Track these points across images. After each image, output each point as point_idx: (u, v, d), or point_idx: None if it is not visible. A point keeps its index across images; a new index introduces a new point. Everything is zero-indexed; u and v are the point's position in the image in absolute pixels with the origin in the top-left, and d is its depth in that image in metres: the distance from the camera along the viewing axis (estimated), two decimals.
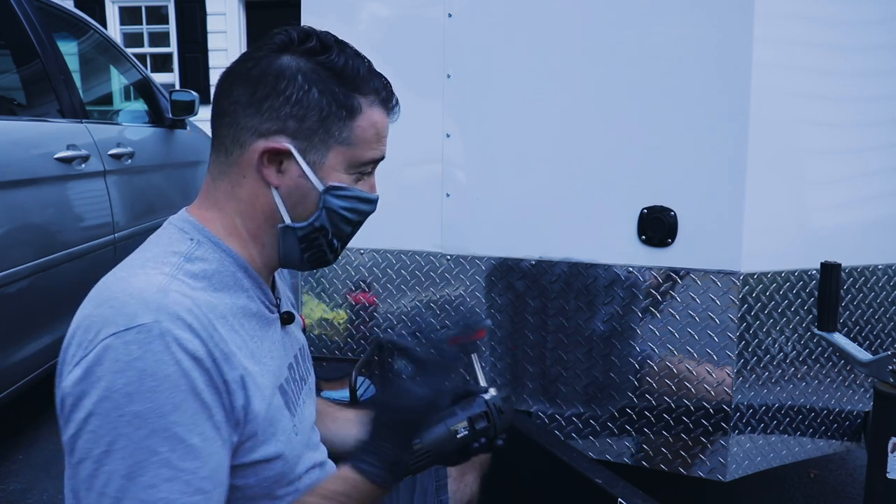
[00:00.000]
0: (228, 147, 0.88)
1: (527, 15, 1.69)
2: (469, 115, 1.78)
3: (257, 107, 0.86)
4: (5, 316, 2.25)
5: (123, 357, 0.73)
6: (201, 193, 0.93)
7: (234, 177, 0.89)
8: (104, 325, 0.75)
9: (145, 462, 0.73)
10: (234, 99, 0.87)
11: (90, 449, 0.74)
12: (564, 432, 1.75)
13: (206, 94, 7.16)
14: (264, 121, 0.86)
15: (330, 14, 1.92)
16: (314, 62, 0.87)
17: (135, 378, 0.73)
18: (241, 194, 0.89)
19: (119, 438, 0.73)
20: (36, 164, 2.45)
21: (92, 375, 0.74)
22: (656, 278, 1.62)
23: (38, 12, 2.76)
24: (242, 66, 0.89)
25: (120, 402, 0.73)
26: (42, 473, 2.36)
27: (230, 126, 0.88)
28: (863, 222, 1.73)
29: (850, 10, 1.65)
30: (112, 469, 0.73)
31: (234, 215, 0.90)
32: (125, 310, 0.75)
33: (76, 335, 0.78)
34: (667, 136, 1.59)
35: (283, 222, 0.90)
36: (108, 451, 0.73)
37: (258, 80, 0.86)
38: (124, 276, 0.81)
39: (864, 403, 1.79)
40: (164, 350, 0.74)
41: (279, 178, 0.88)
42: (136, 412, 0.73)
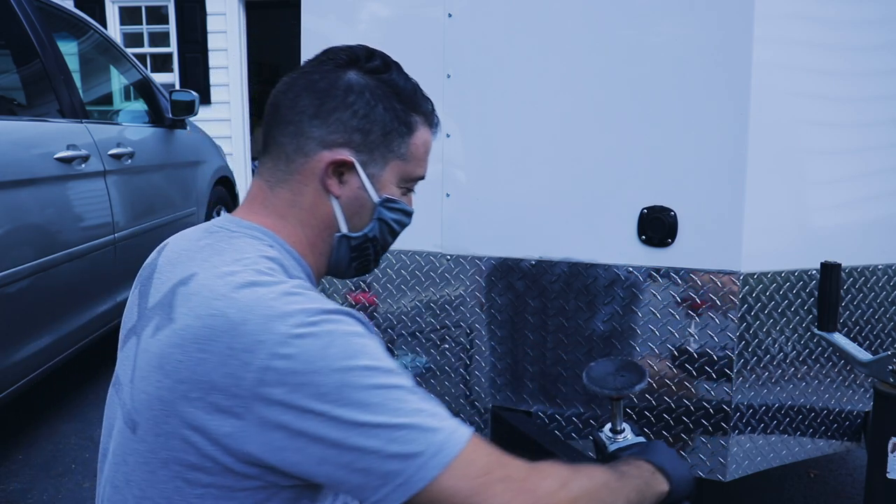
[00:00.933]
0: (291, 155, 0.92)
1: (527, 15, 1.69)
2: (469, 115, 1.77)
3: (324, 118, 0.91)
4: (5, 316, 2.25)
5: (323, 336, 0.77)
6: (254, 201, 0.95)
7: (296, 185, 0.93)
8: (279, 323, 0.76)
9: (399, 398, 0.77)
10: (300, 109, 0.91)
11: (345, 418, 0.75)
12: (564, 432, 1.75)
13: (206, 95, 7.16)
14: (331, 132, 0.91)
15: (330, 14, 1.92)
16: (378, 80, 0.94)
17: (345, 344, 0.77)
18: (303, 203, 0.93)
19: (369, 392, 0.76)
20: (36, 164, 2.45)
21: (299, 365, 0.75)
22: (656, 278, 1.62)
23: (38, 12, 2.76)
24: (308, 77, 0.93)
25: (345, 366, 0.76)
26: (42, 473, 2.37)
27: (294, 135, 0.92)
28: (863, 222, 1.73)
29: (850, 10, 1.65)
30: (381, 424, 0.75)
31: (297, 224, 0.94)
32: (292, 306, 0.78)
33: (238, 342, 0.77)
34: (667, 136, 1.59)
35: (339, 231, 0.95)
36: (365, 407, 0.75)
37: (326, 93, 0.91)
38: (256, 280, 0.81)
39: (864, 403, 1.79)
40: (344, 321, 0.80)
41: (340, 188, 0.93)
42: (364, 366, 0.77)
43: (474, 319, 1.81)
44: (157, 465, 0.81)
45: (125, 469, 0.85)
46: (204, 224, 0.98)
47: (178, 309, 0.83)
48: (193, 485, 0.79)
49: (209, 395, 0.77)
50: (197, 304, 0.81)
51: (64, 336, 2.57)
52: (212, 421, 0.77)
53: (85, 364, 3.24)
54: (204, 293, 0.81)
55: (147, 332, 0.86)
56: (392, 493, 0.76)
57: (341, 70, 0.93)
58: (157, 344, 0.83)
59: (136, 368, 0.86)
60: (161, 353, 0.81)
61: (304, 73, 0.94)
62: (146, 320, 0.88)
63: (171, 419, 0.79)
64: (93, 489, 2.26)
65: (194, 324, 0.80)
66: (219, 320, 0.78)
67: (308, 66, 0.95)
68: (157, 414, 0.81)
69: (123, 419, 0.86)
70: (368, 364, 0.78)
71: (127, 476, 0.84)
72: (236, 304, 0.79)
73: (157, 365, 0.81)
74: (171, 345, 0.81)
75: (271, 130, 0.94)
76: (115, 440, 0.88)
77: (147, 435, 0.82)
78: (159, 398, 0.80)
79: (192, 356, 0.78)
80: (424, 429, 0.77)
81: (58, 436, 2.63)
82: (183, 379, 0.78)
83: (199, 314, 0.80)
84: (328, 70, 0.93)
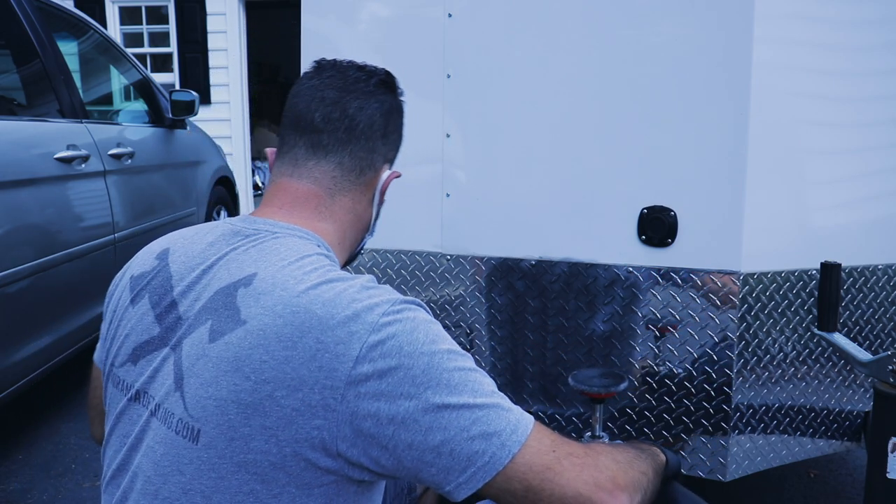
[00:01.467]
0: (365, 168, 1.02)
1: (527, 15, 1.69)
2: (469, 115, 1.77)
3: (388, 137, 1.05)
4: (5, 316, 2.25)
5: (407, 321, 0.81)
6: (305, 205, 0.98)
7: (358, 195, 1.02)
8: (367, 313, 0.81)
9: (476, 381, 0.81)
10: (376, 128, 1.02)
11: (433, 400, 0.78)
12: (564, 432, 1.74)
13: (206, 95, 7.16)
14: (389, 150, 1.06)
15: (330, 14, 1.92)
16: (401, 102, 1.09)
17: (427, 328, 0.82)
18: (358, 209, 1.03)
19: (453, 374, 0.80)
20: (36, 164, 2.45)
21: (391, 350, 0.79)
22: (656, 278, 1.62)
23: (38, 12, 2.76)
24: (377, 98, 1.03)
25: (430, 349, 0.80)
26: (42, 473, 2.37)
27: (370, 151, 1.02)
28: (863, 222, 1.73)
29: (850, 10, 1.65)
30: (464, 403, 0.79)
31: (347, 228, 1.02)
32: (374, 298, 0.83)
33: (329, 336, 0.79)
34: (667, 136, 1.59)
35: (371, 232, 1.09)
36: (452, 389, 0.79)
37: (389, 115, 1.04)
38: (329, 277, 0.86)
39: (864, 403, 1.79)
40: (419, 307, 0.86)
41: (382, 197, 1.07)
42: (446, 350, 0.81)
43: (474, 319, 1.81)
44: (230, 471, 0.80)
45: (181, 479, 0.83)
46: (213, 225, 0.98)
47: (248, 310, 0.82)
48: (271, 485, 0.80)
49: (297, 392, 0.78)
50: (273, 302, 0.82)
51: (64, 336, 2.57)
52: (300, 417, 0.78)
53: (85, 364, 3.24)
54: (278, 292, 0.82)
55: (198, 339, 0.85)
56: (477, 473, 0.78)
57: (391, 94, 1.06)
58: (225, 348, 0.82)
59: (185, 377, 0.84)
60: (237, 356, 0.81)
61: (372, 94, 1.02)
62: (187, 327, 0.87)
63: (253, 420, 0.79)
64: (93, 489, 2.27)
65: (275, 322, 0.80)
66: (304, 316, 0.80)
67: (364, 84, 1.02)
68: (233, 418, 0.80)
69: (173, 430, 0.84)
70: (450, 348, 0.82)
71: (184, 487, 0.82)
72: (320, 299, 0.81)
73: (231, 368, 0.80)
74: (249, 346, 0.80)
75: (345, 143, 1.00)
76: (157, 452, 0.85)
77: (217, 441, 0.81)
78: (237, 401, 0.80)
79: (277, 355, 0.79)
80: (502, 408, 0.81)
81: (58, 436, 2.63)
82: (268, 379, 0.79)
83: (280, 312, 0.81)
84: (387, 93, 1.05)
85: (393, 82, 1.07)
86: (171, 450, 0.84)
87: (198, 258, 0.92)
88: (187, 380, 0.84)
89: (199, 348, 0.84)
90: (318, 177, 0.99)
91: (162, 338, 0.89)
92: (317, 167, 0.99)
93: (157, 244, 1.00)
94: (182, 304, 0.89)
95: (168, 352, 0.88)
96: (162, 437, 0.85)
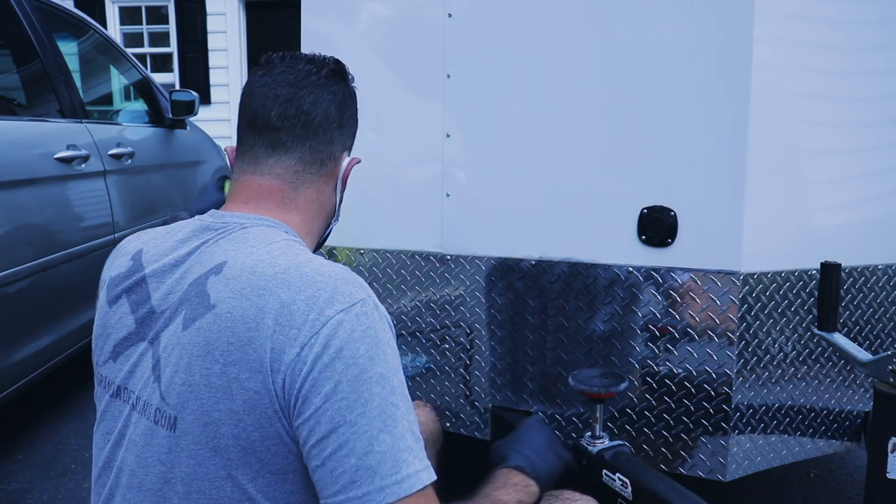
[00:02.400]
0: (325, 160, 1.03)
1: (527, 15, 1.69)
2: (469, 115, 1.77)
3: (345, 126, 1.06)
4: (5, 316, 2.25)
5: (358, 328, 0.81)
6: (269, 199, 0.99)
7: (321, 185, 1.04)
8: (326, 304, 0.81)
9: (393, 415, 0.80)
10: (331, 120, 1.03)
11: (345, 414, 0.78)
12: (564, 432, 1.75)
13: (206, 94, 7.16)
14: (346, 138, 1.07)
15: (330, 14, 1.92)
16: (352, 87, 1.09)
17: (372, 343, 0.81)
18: (322, 198, 1.05)
19: (372, 398, 0.79)
20: (36, 164, 2.45)
21: (332, 348, 0.79)
22: (656, 278, 1.62)
23: (38, 12, 2.76)
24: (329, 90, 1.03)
25: (366, 366, 0.80)
26: (42, 473, 2.36)
27: (328, 143, 1.03)
28: (863, 222, 1.73)
29: (850, 10, 1.65)
30: (370, 427, 0.78)
31: (314, 218, 1.04)
32: (340, 289, 0.83)
33: (289, 319, 0.81)
34: (667, 136, 1.59)
35: (336, 218, 1.10)
36: (363, 413, 0.79)
37: (343, 104, 1.05)
38: (299, 261, 0.87)
39: (864, 403, 1.79)
40: (381, 319, 0.85)
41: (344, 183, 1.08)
42: (380, 373, 0.81)
43: (474, 319, 1.81)
44: (206, 456, 0.82)
45: (162, 469, 0.84)
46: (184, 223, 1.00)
47: (216, 294, 0.84)
48: (246, 469, 0.81)
49: (258, 374, 0.80)
50: (240, 286, 0.84)
51: (64, 336, 2.57)
52: (262, 400, 0.80)
53: (85, 364, 3.24)
54: (245, 276, 0.84)
55: (173, 329, 0.87)
56: (346, 501, 0.78)
57: (343, 83, 1.06)
58: (197, 333, 0.84)
59: (161, 367, 0.86)
60: (206, 339, 0.83)
61: (324, 86, 1.03)
62: (162, 320, 0.89)
63: (222, 404, 0.81)
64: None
65: (241, 304, 0.82)
66: (268, 298, 0.82)
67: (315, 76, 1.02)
68: (206, 402, 0.82)
69: (151, 420, 0.86)
70: (383, 372, 0.81)
71: (165, 476, 0.84)
72: (286, 282, 0.83)
73: (202, 353, 0.82)
74: (218, 329, 0.82)
75: (303, 139, 1.01)
76: (139, 444, 0.87)
77: (192, 427, 0.82)
78: (208, 385, 0.82)
79: (241, 336, 0.81)
80: (399, 457, 0.80)
81: (58, 436, 2.63)
82: (234, 361, 0.81)
83: (247, 294, 0.83)
84: (338, 82, 1.05)
85: (343, 70, 1.07)
86: (152, 440, 0.86)
87: (169, 255, 0.94)
88: (163, 369, 0.86)
89: (175, 338, 0.86)
90: (280, 172, 1.00)
91: (138, 332, 0.91)
92: (278, 164, 1.00)
93: (131, 245, 1.02)
94: (154, 299, 0.91)
95: (146, 346, 0.90)
96: (143, 429, 0.87)
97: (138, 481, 0.86)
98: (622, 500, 1.37)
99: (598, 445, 1.43)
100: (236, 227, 0.93)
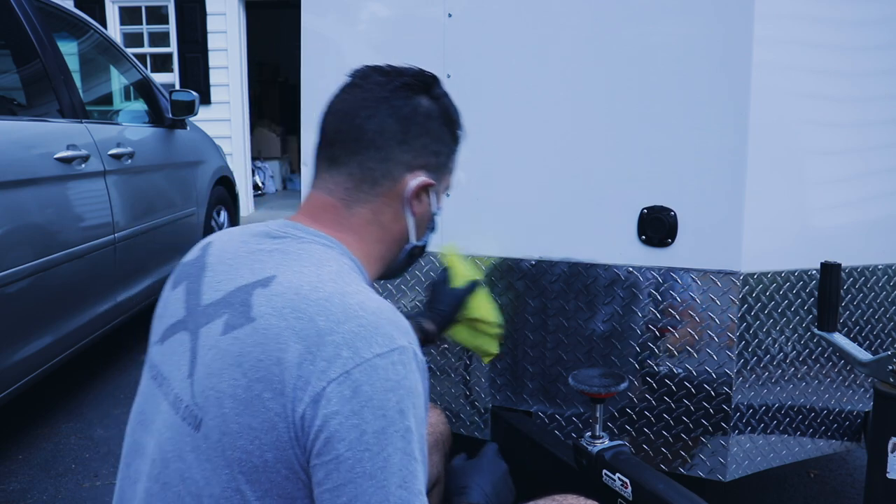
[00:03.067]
0: (378, 178, 0.97)
1: (527, 15, 1.69)
2: (469, 115, 1.76)
3: (410, 144, 0.98)
4: (5, 316, 2.25)
5: (393, 377, 0.79)
6: (323, 214, 0.97)
7: (378, 206, 0.98)
8: (363, 344, 0.79)
9: (413, 471, 0.79)
10: (389, 135, 0.96)
11: (365, 466, 0.77)
12: (564, 432, 1.75)
13: (206, 95, 7.16)
14: (415, 157, 0.98)
15: (330, 14, 1.92)
16: (441, 104, 1.02)
17: (404, 395, 0.79)
18: (382, 221, 0.99)
19: (395, 453, 0.78)
20: (36, 164, 2.45)
21: (362, 394, 0.77)
22: (656, 278, 1.62)
23: (38, 12, 2.76)
24: (390, 104, 0.97)
25: (394, 418, 0.78)
26: (42, 473, 2.36)
27: (383, 160, 0.97)
28: (863, 222, 1.73)
29: (850, 10, 1.65)
30: (388, 483, 0.77)
31: (374, 242, 0.99)
32: (381, 330, 0.81)
33: (321, 349, 0.79)
34: (667, 136, 1.59)
35: (409, 243, 1.03)
36: (384, 467, 0.77)
37: (409, 120, 0.97)
38: (346, 291, 0.84)
39: (864, 403, 1.79)
40: (418, 370, 0.82)
41: (417, 206, 1.01)
42: (406, 427, 0.79)
43: None
44: (220, 464, 0.81)
45: (181, 466, 0.84)
46: (255, 226, 1.00)
47: (258, 308, 0.84)
48: (255, 486, 0.80)
49: (281, 397, 0.78)
50: (281, 304, 0.82)
51: (64, 336, 2.57)
52: (281, 423, 0.78)
53: (85, 364, 3.24)
54: (289, 295, 0.83)
55: (213, 330, 0.86)
56: None
57: (418, 96, 0.99)
58: (233, 342, 0.83)
59: (196, 364, 0.86)
60: (240, 351, 0.82)
61: (384, 99, 0.97)
62: (206, 317, 0.89)
63: (242, 418, 0.80)
64: (93, 489, 2.27)
65: (279, 324, 0.81)
66: (305, 323, 0.80)
67: (380, 89, 0.98)
68: (228, 412, 0.81)
69: (180, 415, 0.86)
70: (410, 426, 0.80)
71: (182, 473, 0.84)
72: (326, 311, 0.81)
73: (234, 363, 0.82)
74: (252, 343, 0.81)
75: (354, 154, 0.97)
76: (164, 435, 0.87)
77: (212, 432, 0.81)
78: (233, 396, 0.80)
79: (272, 356, 0.80)
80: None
81: (58, 436, 2.63)
82: (260, 378, 0.79)
83: (286, 315, 0.81)
84: (408, 96, 0.98)
85: (421, 83, 1.01)
86: (176, 435, 0.85)
87: (229, 254, 0.95)
88: (198, 368, 0.86)
89: (213, 339, 0.86)
90: (332, 188, 0.98)
91: (185, 322, 0.92)
92: (331, 179, 0.99)
93: (208, 237, 1.04)
94: (205, 293, 0.92)
95: (189, 337, 0.90)
96: (170, 421, 0.87)
97: (157, 472, 0.87)
98: (622, 500, 1.36)
99: (598, 445, 1.43)
100: (293, 241, 0.93)
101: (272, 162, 9.36)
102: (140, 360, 3.31)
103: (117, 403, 2.90)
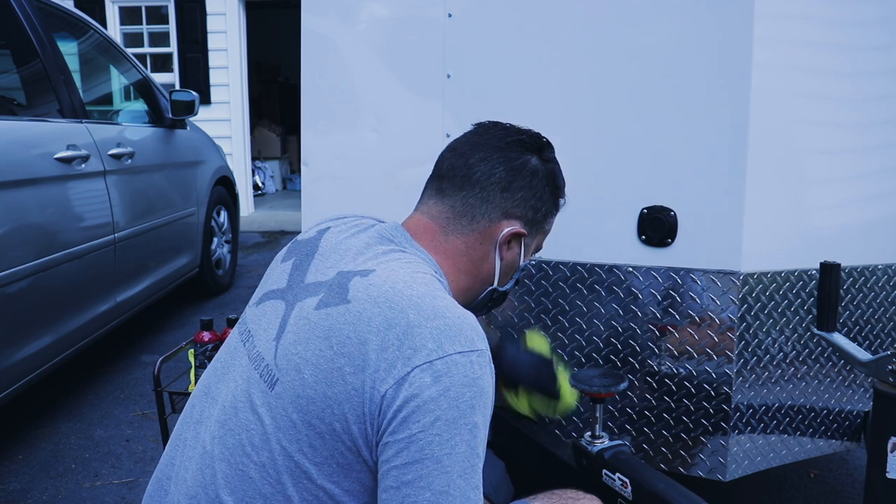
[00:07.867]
0: (477, 216, 1.07)
1: (527, 15, 1.69)
2: (469, 116, 1.76)
3: (512, 193, 1.08)
4: (5, 316, 2.25)
5: (470, 374, 0.86)
6: (424, 233, 1.07)
7: (472, 241, 1.07)
8: (448, 341, 0.86)
9: (474, 466, 0.85)
10: (495, 180, 1.07)
11: (434, 450, 0.83)
12: (564, 432, 1.75)
13: (206, 95, 7.16)
14: (514, 206, 1.08)
15: (330, 14, 1.92)
16: (548, 168, 1.12)
17: (478, 393, 0.86)
18: (474, 256, 1.08)
19: (461, 444, 0.84)
20: (36, 164, 2.45)
21: (441, 384, 0.84)
22: (656, 278, 1.62)
23: (38, 12, 2.76)
24: (505, 154, 1.08)
25: (466, 411, 0.84)
26: (42, 473, 2.36)
27: (485, 200, 1.07)
28: (863, 222, 1.73)
29: (850, 10, 1.65)
30: (451, 470, 0.83)
31: (461, 271, 1.07)
32: (464, 332, 0.88)
33: (409, 339, 0.86)
34: (667, 136, 1.59)
35: (492, 285, 1.12)
36: (450, 454, 0.83)
37: (518, 172, 1.08)
38: (436, 294, 0.92)
39: (864, 403, 1.79)
40: (490, 374, 0.89)
41: (507, 252, 1.10)
42: (475, 422, 0.85)
43: None
44: (286, 425, 0.88)
45: (249, 417, 0.91)
46: (371, 223, 1.10)
47: (354, 292, 0.92)
48: (316, 451, 0.87)
49: (361, 374, 0.86)
50: (376, 293, 0.90)
51: (64, 336, 2.57)
52: (357, 396, 0.85)
53: (85, 364, 3.24)
54: (385, 288, 0.91)
55: (308, 304, 0.95)
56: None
57: (529, 154, 1.10)
58: (325, 317, 0.91)
59: (286, 330, 0.95)
60: (331, 326, 0.90)
61: (501, 149, 1.08)
62: (304, 292, 0.98)
63: (319, 387, 0.87)
64: (93, 489, 2.27)
65: (372, 309, 0.89)
66: (397, 313, 0.88)
67: (498, 140, 1.09)
68: (306, 378, 0.88)
69: (258, 372, 0.94)
70: (478, 423, 0.86)
71: (248, 425, 0.91)
72: (418, 307, 0.88)
73: (323, 335, 0.89)
74: (343, 321, 0.89)
75: (460, 189, 1.07)
76: (240, 387, 0.95)
77: (286, 394, 0.89)
78: (315, 364, 0.88)
79: (361, 335, 0.87)
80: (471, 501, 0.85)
81: (58, 436, 2.63)
82: (345, 353, 0.87)
83: (380, 303, 0.89)
84: (521, 152, 1.09)
85: (535, 144, 1.11)
86: (250, 387, 0.94)
87: (342, 243, 1.04)
88: (287, 334, 0.94)
89: (306, 312, 0.94)
90: (434, 214, 1.08)
91: (284, 292, 1.02)
92: (434, 207, 1.08)
93: (325, 221, 1.14)
94: (310, 274, 1.01)
95: (284, 307, 0.99)
96: (247, 375, 0.96)
97: (225, 418, 0.94)
98: (622, 499, 1.36)
99: (598, 445, 1.43)
100: (397, 249, 1.02)
101: (272, 162, 9.36)
102: (141, 360, 3.31)
103: (117, 403, 2.90)
